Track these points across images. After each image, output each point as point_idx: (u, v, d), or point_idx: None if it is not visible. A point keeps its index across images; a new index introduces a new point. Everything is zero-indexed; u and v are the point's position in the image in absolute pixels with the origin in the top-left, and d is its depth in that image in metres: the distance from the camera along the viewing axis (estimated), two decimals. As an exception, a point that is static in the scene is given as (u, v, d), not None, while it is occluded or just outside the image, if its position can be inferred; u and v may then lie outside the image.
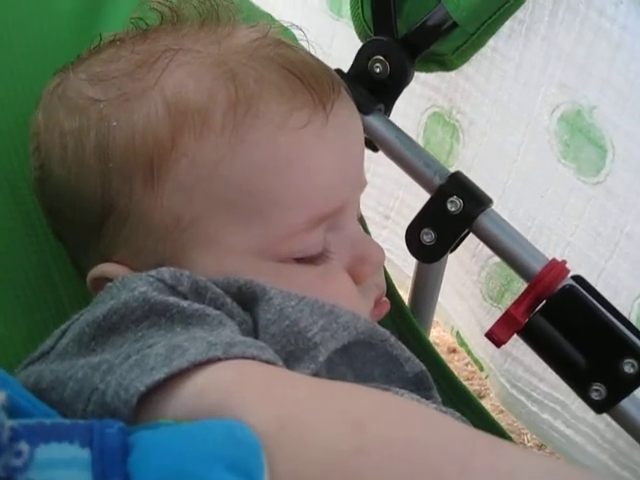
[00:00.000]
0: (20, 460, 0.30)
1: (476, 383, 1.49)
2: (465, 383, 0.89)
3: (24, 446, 0.31)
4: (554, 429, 1.08)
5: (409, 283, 0.93)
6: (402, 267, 1.19)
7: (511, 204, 1.04)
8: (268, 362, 0.47)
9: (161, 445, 0.40)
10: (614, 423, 0.76)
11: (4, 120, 0.69)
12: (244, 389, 0.43)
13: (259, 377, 0.45)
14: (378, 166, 1.11)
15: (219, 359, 0.45)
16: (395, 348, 0.62)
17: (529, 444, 1.40)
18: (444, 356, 1.42)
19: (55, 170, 0.62)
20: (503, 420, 1.23)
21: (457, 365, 1.51)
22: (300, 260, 0.61)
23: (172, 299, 0.50)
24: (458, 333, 1.23)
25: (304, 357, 0.53)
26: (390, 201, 1.22)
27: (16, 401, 0.38)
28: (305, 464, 0.40)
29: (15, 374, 0.52)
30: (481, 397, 1.43)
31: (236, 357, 0.45)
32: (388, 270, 0.81)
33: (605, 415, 0.75)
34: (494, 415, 0.88)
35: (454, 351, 1.55)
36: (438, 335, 1.51)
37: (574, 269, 0.76)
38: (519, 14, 0.88)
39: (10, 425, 0.30)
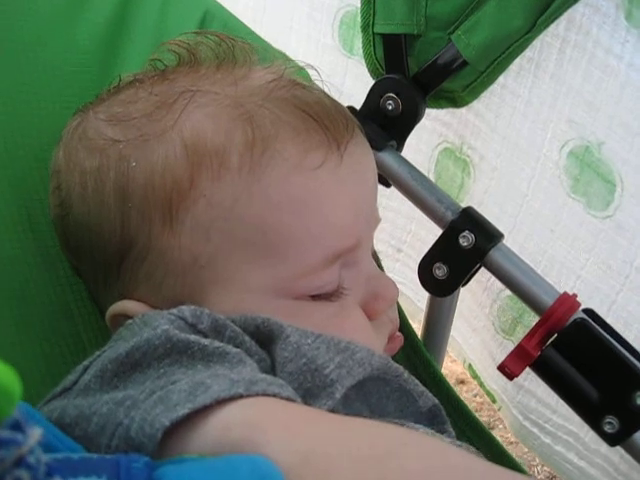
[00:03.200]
0: (55, 494, 0.31)
1: (485, 414, 1.49)
2: (473, 414, 0.89)
3: (58, 481, 0.32)
4: (567, 461, 1.08)
5: (421, 315, 0.93)
6: (414, 299, 1.20)
7: (522, 238, 1.05)
8: (288, 399, 0.48)
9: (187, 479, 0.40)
10: (628, 455, 0.75)
11: (27, 156, 0.71)
12: (267, 426, 0.44)
13: (281, 414, 0.46)
14: (390, 200, 1.12)
15: (241, 396, 0.45)
16: (409, 383, 0.62)
17: (540, 476, 1.39)
18: (453, 388, 1.42)
19: (75, 208, 0.63)
20: (513, 451, 1.23)
21: (466, 396, 1.51)
22: (315, 297, 0.61)
23: (193, 337, 0.51)
24: (470, 365, 1.23)
25: (321, 394, 0.54)
26: (402, 235, 1.23)
27: (44, 436, 0.39)
28: None
29: (37, 409, 0.53)
30: (490, 428, 1.42)
31: (257, 394, 0.46)
32: (400, 302, 0.81)
33: (619, 447, 0.75)
34: (504, 447, 0.88)
35: (462, 382, 1.55)
36: (447, 366, 1.51)
37: (585, 302, 0.76)
38: (528, 52, 0.89)
39: (45, 460, 0.31)
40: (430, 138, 1.12)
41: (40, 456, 0.31)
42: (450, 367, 1.51)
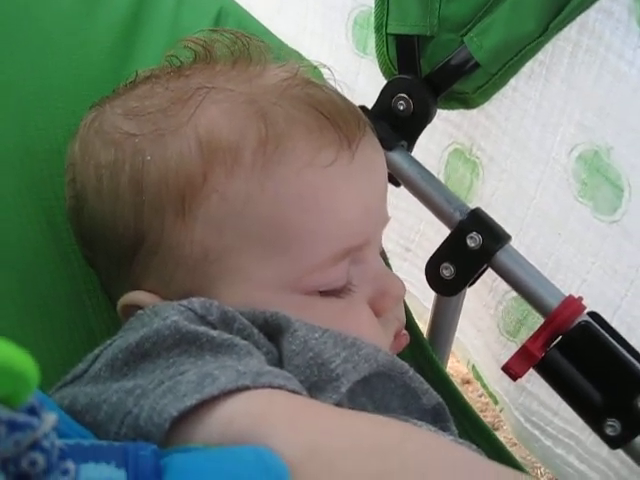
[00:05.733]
0: (67, 477, 0.32)
1: (490, 415, 1.48)
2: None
3: (70, 464, 0.33)
4: (568, 464, 1.08)
5: (428, 315, 0.94)
6: (421, 299, 1.20)
7: (528, 240, 1.05)
8: (294, 392, 0.48)
9: (193, 469, 0.41)
10: (628, 459, 0.76)
11: (42, 151, 0.72)
12: (273, 418, 0.44)
13: (287, 406, 0.46)
14: (400, 200, 1.13)
15: (248, 388, 0.46)
16: (414, 380, 0.63)
17: (542, 478, 1.39)
18: (458, 387, 1.42)
19: (90, 201, 0.64)
20: (517, 453, 1.23)
21: (471, 396, 1.51)
22: (324, 293, 0.62)
23: (202, 328, 0.52)
24: (474, 366, 1.23)
25: (327, 388, 0.55)
26: (411, 234, 1.24)
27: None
28: None
29: (49, 396, 0.54)
30: (495, 429, 1.42)
31: (264, 386, 0.47)
32: (407, 302, 0.82)
33: (620, 451, 0.75)
34: (508, 448, 0.88)
35: (468, 382, 1.55)
36: (452, 366, 1.51)
37: (590, 306, 0.76)
38: (539, 56, 0.89)
39: (59, 445, 0.32)
40: (440, 139, 1.13)
41: (54, 440, 0.32)
42: (456, 367, 1.51)
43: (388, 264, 0.85)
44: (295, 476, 0.40)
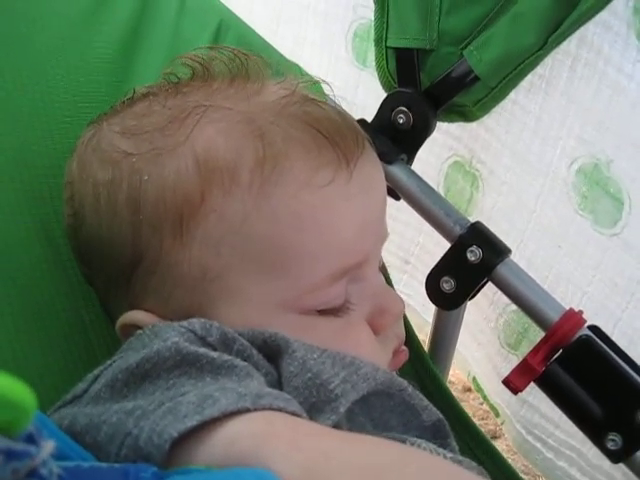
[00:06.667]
0: (65, 504, 0.32)
1: (491, 423, 1.48)
2: (480, 423, 0.89)
3: (69, 491, 0.33)
4: (570, 477, 1.08)
5: (428, 328, 0.94)
6: (421, 312, 1.20)
7: (529, 253, 1.05)
8: (294, 414, 0.48)
9: (192, 490, 0.41)
10: (630, 472, 0.75)
11: (42, 166, 0.72)
12: (273, 440, 0.44)
13: (287, 428, 0.46)
14: (399, 212, 1.13)
15: (248, 410, 0.46)
16: (413, 397, 0.62)
17: (544, 489, 1.39)
18: (459, 395, 1.41)
19: (88, 219, 0.64)
20: (518, 461, 1.22)
21: (472, 404, 1.50)
22: (322, 312, 0.62)
23: (202, 350, 0.52)
24: (474, 379, 1.23)
25: (325, 408, 0.54)
26: (411, 247, 1.24)
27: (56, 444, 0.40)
28: None
29: (48, 416, 0.54)
30: (496, 437, 1.42)
31: (264, 408, 0.47)
32: (407, 315, 0.82)
33: (622, 464, 0.75)
34: (508, 456, 0.88)
35: (469, 390, 1.55)
36: (453, 373, 1.50)
37: (591, 318, 0.76)
38: (539, 69, 0.90)
39: (57, 472, 0.32)
40: (440, 151, 1.13)
41: (52, 467, 0.32)
42: (457, 374, 1.51)
43: (388, 278, 0.85)
44: None
